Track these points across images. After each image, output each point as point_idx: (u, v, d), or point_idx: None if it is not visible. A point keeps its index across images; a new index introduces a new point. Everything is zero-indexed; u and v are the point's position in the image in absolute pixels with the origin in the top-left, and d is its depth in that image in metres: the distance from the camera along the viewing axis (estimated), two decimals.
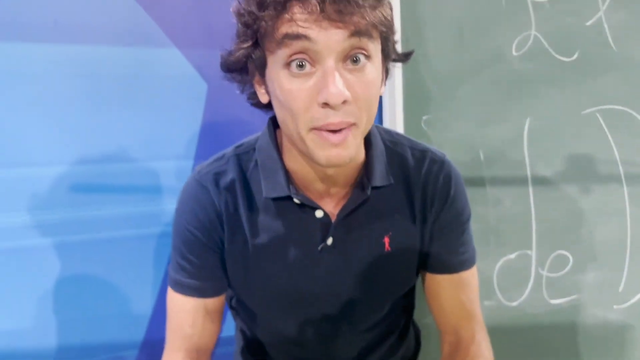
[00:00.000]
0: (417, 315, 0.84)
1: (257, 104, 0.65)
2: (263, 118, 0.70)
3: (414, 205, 0.70)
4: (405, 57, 0.63)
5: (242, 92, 0.66)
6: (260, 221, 0.68)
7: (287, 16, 0.54)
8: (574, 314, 1.07)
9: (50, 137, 0.93)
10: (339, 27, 0.53)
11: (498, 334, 0.79)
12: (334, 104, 0.54)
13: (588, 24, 1.03)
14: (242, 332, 0.82)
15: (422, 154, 0.70)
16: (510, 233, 1.03)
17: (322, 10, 0.52)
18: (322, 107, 0.55)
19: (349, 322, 0.73)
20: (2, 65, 0.89)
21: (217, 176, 0.68)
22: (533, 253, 1.04)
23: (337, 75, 0.54)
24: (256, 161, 0.68)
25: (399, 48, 0.62)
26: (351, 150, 0.58)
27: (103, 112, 0.96)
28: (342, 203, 0.67)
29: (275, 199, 0.66)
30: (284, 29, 0.54)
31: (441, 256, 0.72)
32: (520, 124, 1.03)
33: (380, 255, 0.69)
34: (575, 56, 1.03)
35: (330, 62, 0.54)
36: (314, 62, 0.55)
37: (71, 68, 0.93)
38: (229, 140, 1.02)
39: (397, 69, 0.65)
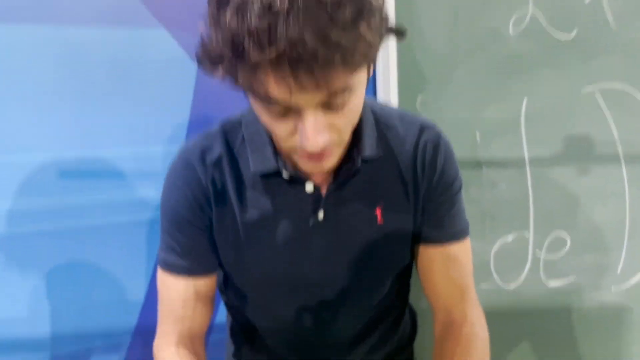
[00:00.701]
0: (413, 299, 0.83)
1: None
2: None
3: (404, 175, 0.69)
4: (398, 34, 0.57)
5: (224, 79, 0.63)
6: (249, 197, 0.67)
7: (260, 80, 0.49)
8: (571, 295, 1.06)
9: (37, 122, 0.91)
10: (315, 90, 0.49)
11: (495, 316, 0.78)
12: (312, 152, 0.54)
13: (587, 1, 1.01)
14: (233, 316, 0.82)
15: (412, 124, 0.69)
16: (507, 215, 1.02)
17: (296, 78, 0.47)
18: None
19: (342, 303, 0.72)
20: None
21: (204, 153, 0.67)
22: (530, 235, 1.03)
23: (315, 128, 0.52)
24: (243, 137, 0.67)
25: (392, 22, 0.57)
26: (334, 159, 0.59)
27: (89, 96, 0.94)
28: (332, 176, 0.66)
29: (263, 176, 0.66)
30: (258, 89, 0.50)
31: (432, 225, 0.71)
32: (517, 104, 1.01)
33: (372, 229, 0.68)
34: (573, 35, 1.01)
35: (308, 116, 0.52)
36: (291, 112, 0.53)
37: (56, 50, 0.91)
38: None
39: (391, 51, 0.63)
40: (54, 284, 0.96)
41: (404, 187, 0.69)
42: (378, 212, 0.68)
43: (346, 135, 0.58)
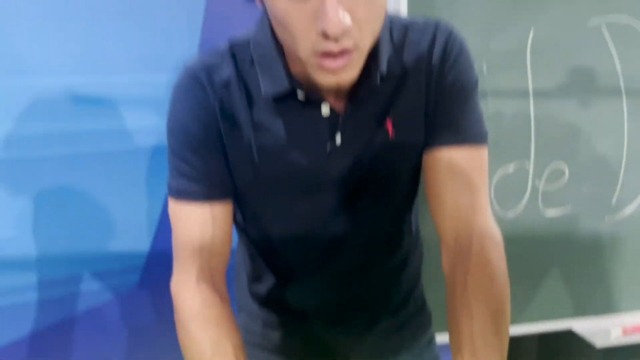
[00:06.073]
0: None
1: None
2: None
3: (419, 88, 0.65)
4: None
5: None
6: (261, 121, 0.64)
7: None
8: (567, 224, 1.10)
9: (49, 46, 0.92)
10: None
11: None
12: (333, 35, 0.50)
13: None
14: (245, 242, 0.80)
15: (426, 26, 0.66)
16: (509, 145, 1.05)
17: None
18: (322, 35, 0.51)
19: (355, 225, 0.70)
20: None
21: (211, 71, 0.63)
22: (530, 165, 1.06)
23: (335, 2, 0.49)
24: (252, 58, 0.63)
25: None
26: (353, 72, 0.56)
27: (99, 21, 0.94)
28: (348, 96, 0.64)
29: (275, 99, 0.62)
30: None
31: (442, 125, 0.65)
32: (524, 35, 1.02)
33: (385, 143, 0.66)
34: None
35: None
36: None
37: None
38: None
39: None
40: (70, 208, 0.98)
41: (418, 100, 0.66)
42: (389, 126, 0.65)
43: (366, 42, 0.55)
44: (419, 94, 0.66)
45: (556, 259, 1.11)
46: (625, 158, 1.09)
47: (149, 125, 1.00)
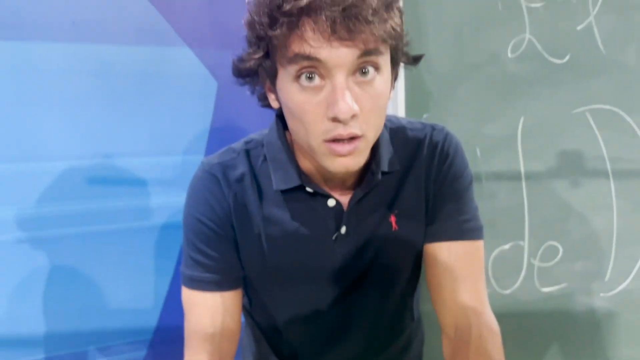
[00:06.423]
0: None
1: (268, 105, 0.67)
2: (272, 116, 0.73)
3: (419, 184, 0.70)
4: (414, 61, 0.65)
5: (253, 93, 0.67)
6: (271, 213, 0.69)
7: (298, 33, 0.55)
8: (563, 301, 1.13)
9: (66, 132, 0.97)
10: (348, 46, 0.55)
11: None
12: (343, 119, 0.56)
13: (579, 28, 1.09)
14: (251, 328, 0.83)
15: (423, 127, 0.72)
16: (504, 225, 1.09)
17: (334, 31, 0.54)
18: (332, 121, 0.57)
19: (358, 313, 0.74)
20: (23, 63, 0.93)
21: (227, 168, 0.69)
22: (525, 244, 1.10)
23: (346, 91, 0.56)
24: (264, 156, 0.69)
25: (409, 50, 0.64)
26: (360, 159, 0.61)
27: (116, 109, 1.00)
28: (352, 191, 0.69)
29: (285, 192, 0.68)
30: (295, 47, 0.55)
31: (441, 220, 0.71)
32: (514, 122, 1.08)
33: (388, 235, 0.71)
34: (566, 59, 1.09)
35: (339, 78, 0.56)
36: (323, 76, 0.57)
37: (87, 66, 0.97)
38: (238, 137, 1.07)
39: (400, 72, 0.66)
40: (79, 284, 1.01)
41: (419, 196, 0.71)
42: (393, 219, 0.70)
43: (371, 131, 0.60)
44: (418, 192, 0.71)
45: (552, 335, 1.13)
46: (616, 236, 1.14)
47: (158, 205, 1.04)
